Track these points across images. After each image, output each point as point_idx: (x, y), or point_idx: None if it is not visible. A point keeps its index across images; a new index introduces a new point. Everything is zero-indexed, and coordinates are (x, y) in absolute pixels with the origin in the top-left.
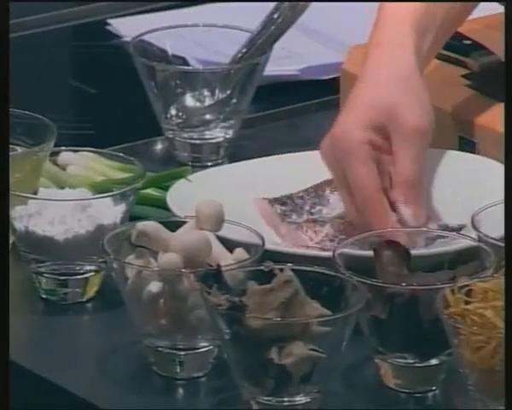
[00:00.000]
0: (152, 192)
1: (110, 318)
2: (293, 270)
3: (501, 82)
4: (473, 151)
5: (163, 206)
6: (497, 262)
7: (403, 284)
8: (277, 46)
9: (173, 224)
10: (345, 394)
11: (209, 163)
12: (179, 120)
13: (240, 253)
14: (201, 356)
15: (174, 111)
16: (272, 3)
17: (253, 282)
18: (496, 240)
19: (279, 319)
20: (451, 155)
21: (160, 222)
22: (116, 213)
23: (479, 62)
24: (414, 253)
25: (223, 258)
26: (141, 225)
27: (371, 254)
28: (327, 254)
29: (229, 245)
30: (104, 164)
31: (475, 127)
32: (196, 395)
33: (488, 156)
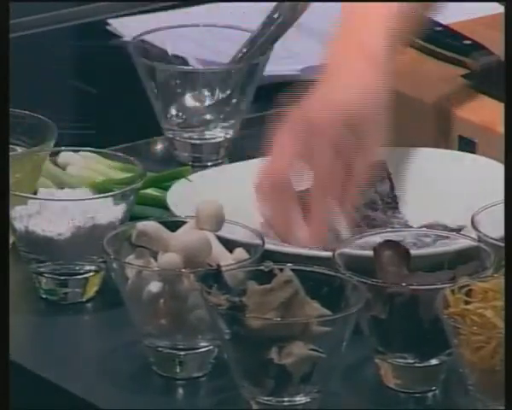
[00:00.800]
0: (152, 192)
1: (110, 318)
2: (293, 270)
3: (501, 82)
4: (473, 151)
5: (163, 206)
6: (497, 262)
7: (403, 284)
8: (277, 46)
9: (173, 224)
10: (345, 394)
11: (209, 163)
12: (179, 120)
13: (240, 253)
14: (201, 356)
15: (174, 111)
16: (272, 3)
17: (253, 282)
18: (496, 240)
19: (279, 319)
20: (451, 155)
21: (160, 222)
22: (116, 213)
23: (479, 62)
24: (414, 253)
25: (223, 258)
26: (141, 225)
27: (371, 254)
28: (327, 254)
29: (229, 245)
30: (104, 164)
31: (475, 127)
32: (196, 395)
33: (488, 156)
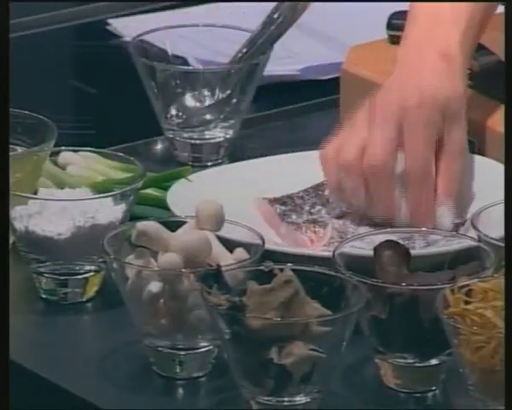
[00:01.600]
0: (152, 192)
1: (110, 318)
2: (293, 270)
3: (501, 82)
4: (473, 151)
5: (163, 206)
6: (497, 262)
7: (403, 284)
8: (277, 46)
9: (173, 224)
10: (345, 394)
11: (209, 163)
12: (179, 120)
13: (240, 253)
14: (201, 356)
15: (174, 111)
16: (272, 3)
17: (253, 282)
18: (496, 240)
19: (279, 319)
20: None
21: (160, 222)
22: (116, 213)
23: (479, 62)
24: (414, 253)
25: (223, 258)
26: (141, 225)
27: (371, 254)
28: (327, 254)
29: (229, 245)
30: (104, 164)
31: (475, 127)
32: (196, 395)
33: (488, 156)
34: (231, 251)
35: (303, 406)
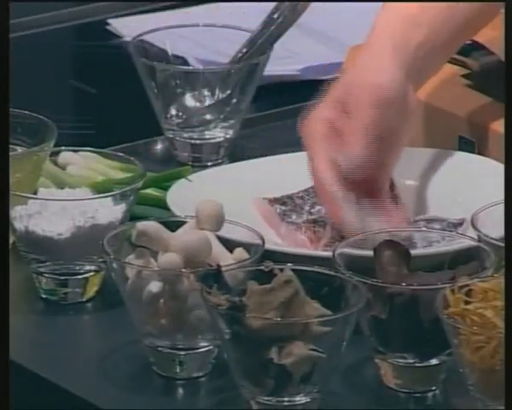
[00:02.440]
0: (152, 192)
1: (110, 318)
2: (293, 270)
3: (501, 82)
4: (473, 151)
5: (163, 206)
6: (497, 262)
7: (403, 284)
8: (277, 46)
9: (173, 224)
10: (345, 394)
11: (209, 163)
12: (179, 120)
13: (240, 253)
14: (201, 356)
15: (174, 111)
16: (272, 3)
17: (253, 282)
18: (496, 240)
19: (279, 319)
20: (451, 155)
21: (160, 222)
22: (116, 213)
23: (479, 62)
24: (414, 253)
25: (223, 258)
26: (141, 225)
27: (371, 254)
28: (327, 254)
29: (229, 245)
30: (104, 164)
31: (475, 127)
32: (196, 395)
33: (488, 156)
34: (231, 251)
35: (303, 406)
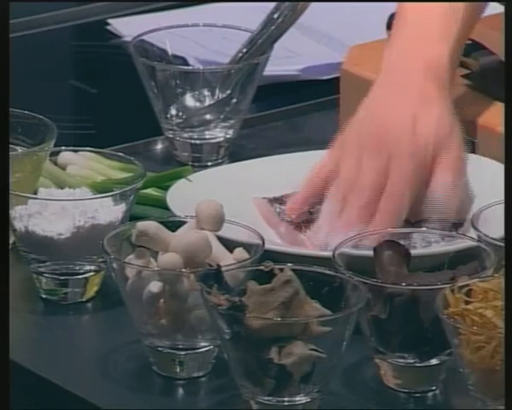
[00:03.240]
0: (152, 192)
1: (110, 318)
2: (293, 270)
3: (501, 82)
4: (473, 151)
5: (163, 206)
6: (497, 262)
7: (403, 284)
8: (277, 46)
9: (173, 224)
10: (345, 394)
11: (209, 163)
12: (179, 120)
13: (240, 253)
14: (201, 356)
15: (174, 111)
16: (272, 3)
17: (253, 282)
18: (496, 240)
19: (279, 319)
20: None
21: (160, 222)
22: (116, 213)
23: (479, 62)
24: (414, 253)
25: (223, 258)
26: (141, 225)
27: (371, 254)
28: (327, 254)
29: (229, 245)
30: (104, 164)
31: (475, 127)
32: (196, 395)
33: (488, 156)
34: (231, 251)
35: (303, 406)
